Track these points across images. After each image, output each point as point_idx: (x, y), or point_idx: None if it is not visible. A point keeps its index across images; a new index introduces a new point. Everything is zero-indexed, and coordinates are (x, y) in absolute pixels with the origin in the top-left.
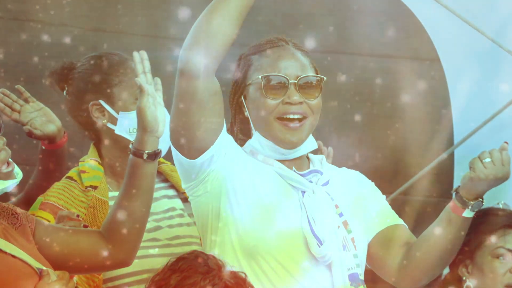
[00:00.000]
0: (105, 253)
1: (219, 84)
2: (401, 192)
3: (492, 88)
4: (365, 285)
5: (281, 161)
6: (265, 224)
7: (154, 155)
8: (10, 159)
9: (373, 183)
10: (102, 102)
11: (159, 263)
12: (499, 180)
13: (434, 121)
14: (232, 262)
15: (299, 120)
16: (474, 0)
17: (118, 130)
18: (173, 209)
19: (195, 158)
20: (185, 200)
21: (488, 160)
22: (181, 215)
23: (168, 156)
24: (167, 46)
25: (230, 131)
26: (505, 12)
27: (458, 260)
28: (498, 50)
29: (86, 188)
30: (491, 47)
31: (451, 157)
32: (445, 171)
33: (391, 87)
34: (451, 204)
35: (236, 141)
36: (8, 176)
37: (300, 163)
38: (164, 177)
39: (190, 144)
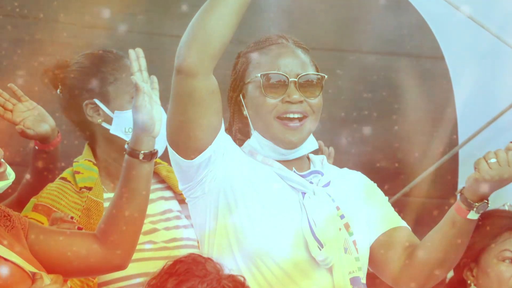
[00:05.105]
0: (99, 256)
1: (217, 83)
2: (404, 193)
3: (498, 86)
4: None
5: (281, 162)
6: (264, 226)
7: (150, 155)
8: (2, 160)
9: (375, 184)
10: (97, 101)
11: (156, 266)
12: (505, 181)
13: (438, 120)
14: (231, 265)
15: (299, 119)
16: None
17: (114, 129)
18: (170, 211)
19: (192, 158)
20: (182, 201)
21: (493, 160)
22: (178, 217)
23: (165, 157)
24: (164, 43)
25: (229, 130)
26: (510, 9)
27: (462, 263)
28: (504, 48)
29: (80, 189)
30: (496, 44)
31: (455, 157)
32: (449, 172)
33: (393, 85)
34: (455, 205)
35: (234, 141)
36: (0, 177)
37: (300, 164)
38: (160, 178)
39: (187, 144)
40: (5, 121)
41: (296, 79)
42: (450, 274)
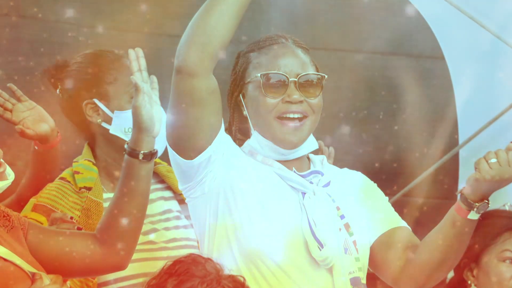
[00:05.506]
0: (99, 256)
1: (216, 82)
2: (404, 193)
3: (498, 86)
4: None
5: (281, 162)
6: (264, 227)
7: (150, 155)
8: (2, 160)
9: (375, 184)
10: (96, 100)
11: (155, 266)
12: (506, 181)
13: (438, 120)
14: (231, 266)
15: (300, 119)
16: None
17: (113, 129)
18: (170, 211)
19: (192, 158)
20: (182, 202)
21: (494, 160)
22: (178, 217)
23: (165, 157)
24: (163, 43)
25: (228, 130)
26: (510, 9)
27: (463, 263)
28: (504, 48)
29: (80, 190)
30: (496, 44)
31: (455, 157)
32: (450, 172)
33: (393, 85)
34: (455, 206)
35: (234, 141)
36: None
37: (300, 164)
38: (160, 178)
39: (187, 144)
40: (5, 121)
41: (296, 79)
42: (450, 274)
